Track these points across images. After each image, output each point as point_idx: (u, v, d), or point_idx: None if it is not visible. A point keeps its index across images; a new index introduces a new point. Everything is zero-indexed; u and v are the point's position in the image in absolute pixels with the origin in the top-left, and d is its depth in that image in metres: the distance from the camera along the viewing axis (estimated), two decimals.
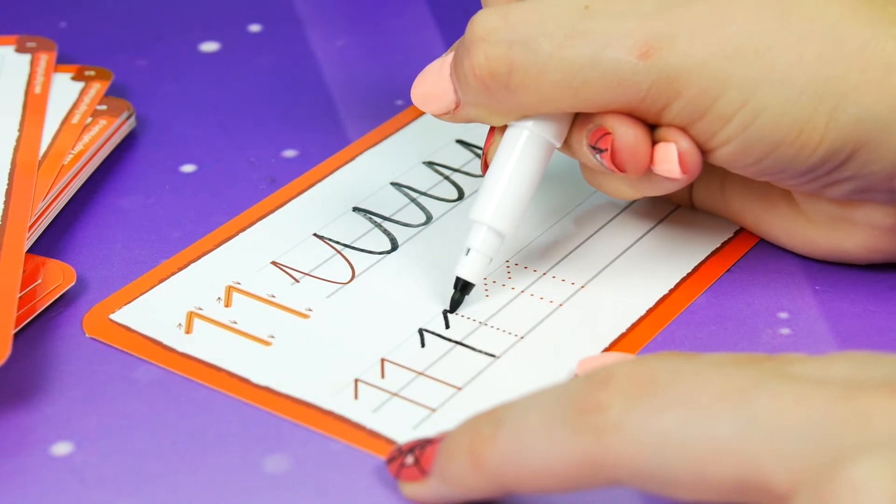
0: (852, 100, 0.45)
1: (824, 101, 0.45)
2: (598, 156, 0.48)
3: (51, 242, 0.53)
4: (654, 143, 0.48)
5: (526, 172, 0.49)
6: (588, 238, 0.53)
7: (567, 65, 0.46)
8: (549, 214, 0.54)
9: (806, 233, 0.51)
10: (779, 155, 0.46)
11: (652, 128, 0.48)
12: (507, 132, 0.49)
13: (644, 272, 0.51)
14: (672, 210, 0.54)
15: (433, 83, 0.49)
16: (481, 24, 0.47)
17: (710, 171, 0.51)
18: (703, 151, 0.47)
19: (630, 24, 0.46)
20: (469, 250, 0.49)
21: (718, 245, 0.52)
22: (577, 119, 0.49)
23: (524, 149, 0.49)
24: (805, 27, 0.46)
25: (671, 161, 0.47)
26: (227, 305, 0.50)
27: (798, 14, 0.46)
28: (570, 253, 0.52)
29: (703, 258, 0.52)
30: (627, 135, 0.47)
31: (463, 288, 0.49)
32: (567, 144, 0.49)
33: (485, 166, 0.51)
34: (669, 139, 0.47)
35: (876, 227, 0.49)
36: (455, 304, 0.50)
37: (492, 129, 0.51)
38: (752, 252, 0.52)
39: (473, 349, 0.48)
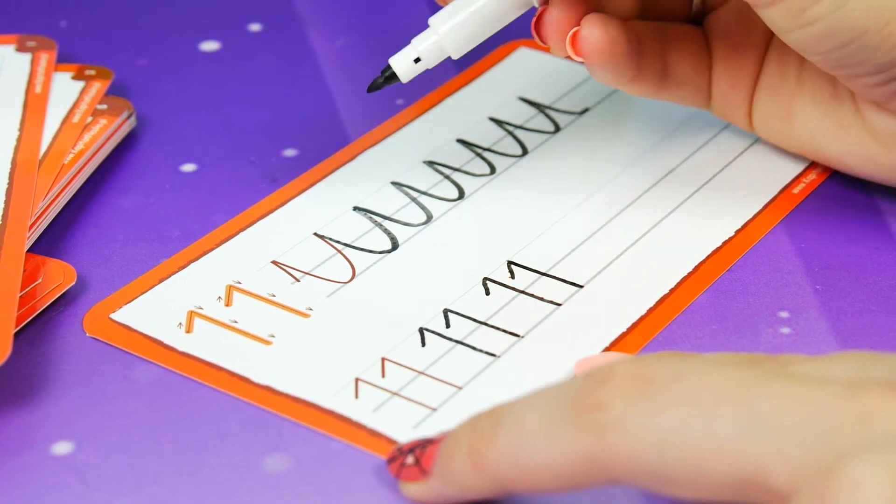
0: None
1: None
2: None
3: (51, 242, 0.53)
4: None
5: (495, 11, 0.51)
6: (588, 238, 0.53)
7: None
8: (549, 212, 0.54)
9: (870, 151, 0.52)
10: (863, 42, 0.47)
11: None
12: None
13: (645, 271, 0.51)
14: (674, 207, 0.54)
15: None
16: None
17: (776, 94, 0.53)
18: (790, 30, 0.48)
19: None
20: (413, 47, 0.52)
21: (719, 244, 0.53)
22: None
23: None
24: None
25: (567, 41, 0.51)
26: (227, 305, 0.50)
27: None
28: (570, 252, 0.52)
29: (703, 258, 0.52)
30: (553, 13, 0.51)
31: (388, 78, 0.52)
32: None
33: None
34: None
35: None
36: (373, 87, 0.52)
37: None
38: (752, 252, 0.52)
39: (474, 349, 0.48)
